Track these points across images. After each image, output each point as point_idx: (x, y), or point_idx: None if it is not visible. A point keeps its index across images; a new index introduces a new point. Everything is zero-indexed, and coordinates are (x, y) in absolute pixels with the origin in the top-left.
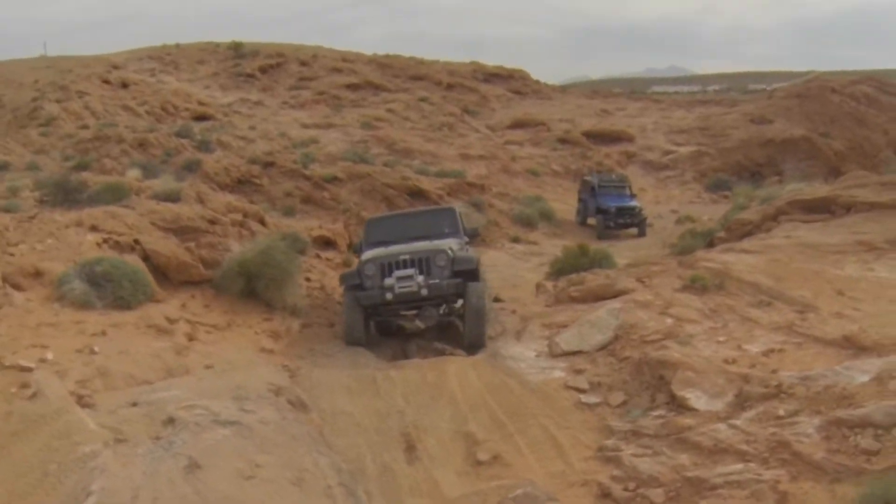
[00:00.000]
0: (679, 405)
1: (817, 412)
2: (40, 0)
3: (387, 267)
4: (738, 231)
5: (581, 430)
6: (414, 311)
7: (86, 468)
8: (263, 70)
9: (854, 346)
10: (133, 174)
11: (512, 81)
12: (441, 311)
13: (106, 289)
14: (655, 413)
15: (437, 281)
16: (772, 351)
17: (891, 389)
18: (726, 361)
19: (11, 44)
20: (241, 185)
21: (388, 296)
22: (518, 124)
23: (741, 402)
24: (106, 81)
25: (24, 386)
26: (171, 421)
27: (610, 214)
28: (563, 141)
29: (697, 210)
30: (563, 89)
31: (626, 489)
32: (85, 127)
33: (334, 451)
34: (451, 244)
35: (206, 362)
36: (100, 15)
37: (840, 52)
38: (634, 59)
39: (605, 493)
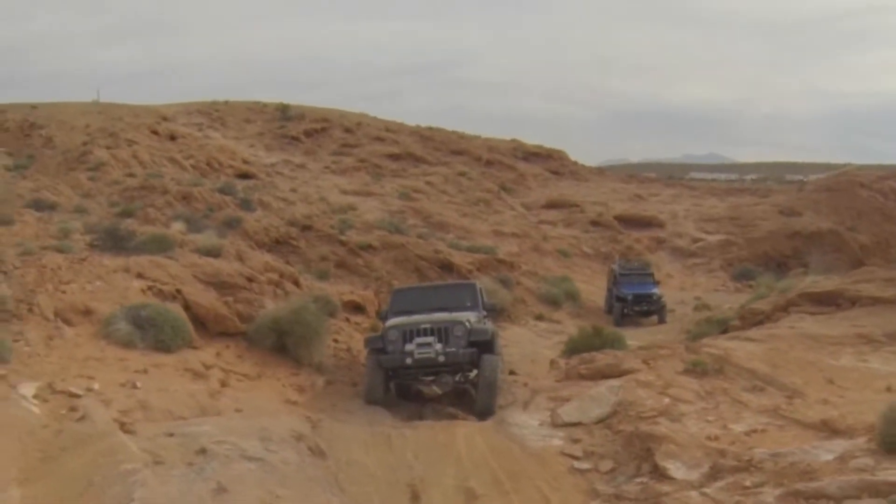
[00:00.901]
0: (660, 474)
1: (780, 484)
2: (95, 46)
3: (408, 334)
4: (750, 320)
5: (571, 493)
6: (431, 378)
7: (127, 482)
8: (308, 134)
9: (829, 430)
10: (177, 227)
11: (550, 161)
12: (456, 379)
13: (149, 332)
14: (638, 480)
15: (454, 349)
16: (754, 431)
17: (850, 467)
18: (709, 438)
19: (66, 87)
20: (278, 245)
21: (408, 360)
22: (553, 204)
23: (714, 474)
24: (154, 132)
25: (73, 409)
26: (203, 451)
27: (627, 302)
28: (595, 223)
29: (720, 298)
30: (601, 171)
31: None
32: (132, 175)
33: (346, 495)
34: (469, 316)
35: (237, 406)
36: (151, 65)
37: (879, 146)
38: (674, 145)
39: None
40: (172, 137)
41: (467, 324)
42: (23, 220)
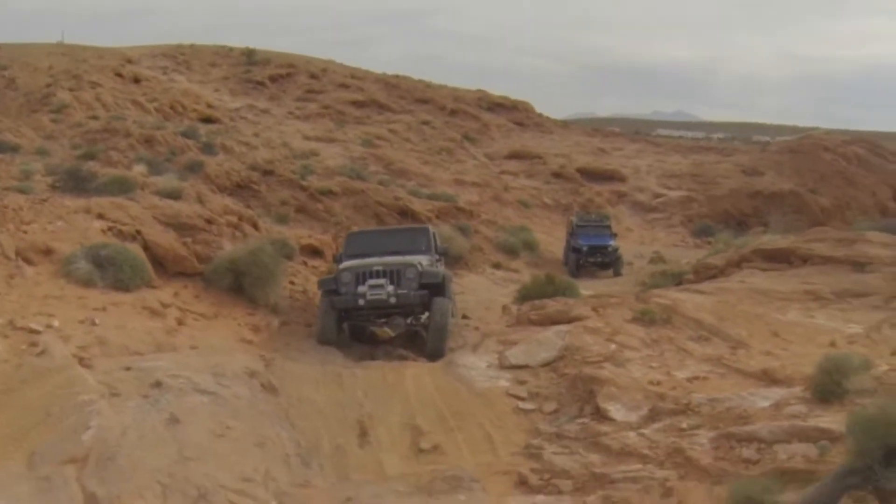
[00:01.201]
0: (601, 415)
1: (715, 427)
2: None
3: (361, 276)
4: (704, 274)
5: (513, 431)
6: (383, 320)
7: (84, 412)
8: (273, 79)
9: (769, 379)
10: (139, 169)
11: (515, 112)
12: (408, 321)
13: (108, 271)
14: (579, 420)
15: (405, 291)
16: (696, 378)
17: (783, 414)
18: (651, 383)
19: (30, 28)
20: (239, 189)
21: (361, 301)
22: (515, 155)
23: (653, 416)
24: (119, 75)
25: (33, 345)
26: (158, 384)
27: (582, 253)
28: (557, 175)
29: (679, 253)
30: (565, 124)
31: (540, 479)
32: (95, 118)
33: (296, 430)
34: (421, 260)
35: (192, 344)
36: (117, 6)
37: (847, 112)
38: (644, 102)
39: (523, 481)
40: (137, 80)
41: (419, 266)
42: None
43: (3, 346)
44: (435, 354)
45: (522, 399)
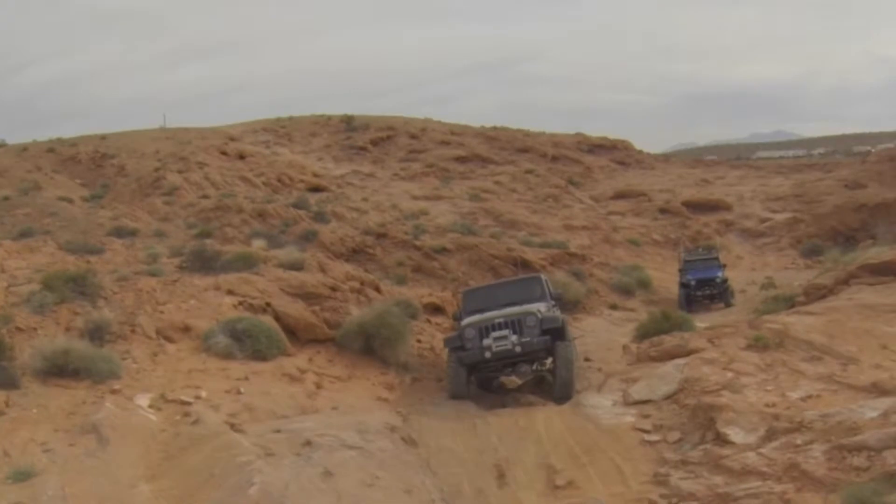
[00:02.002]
0: (721, 440)
1: (827, 441)
2: (157, 70)
3: (484, 330)
4: (814, 295)
5: (641, 462)
6: (510, 369)
7: (245, 471)
8: (374, 143)
9: (879, 391)
10: (259, 244)
11: (615, 152)
12: (534, 368)
13: (245, 343)
14: (702, 447)
15: (528, 339)
16: (809, 396)
17: (891, 422)
18: (767, 405)
19: (133, 114)
20: (355, 254)
21: (487, 354)
22: (620, 195)
23: (770, 435)
24: (223, 153)
25: (186, 415)
26: (308, 443)
27: (690, 287)
28: (663, 211)
29: (790, 276)
30: (666, 158)
31: (669, 503)
32: (206, 197)
33: (438, 477)
34: (539, 307)
35: (332, 405)
36: (214, 85)
37: None
38: (741, 125)
39: None
40: (241, 156)
41: (538, 314)
42: (112, 248)
43: (159, 418)
44: (563, 397)
45: (647, 431)
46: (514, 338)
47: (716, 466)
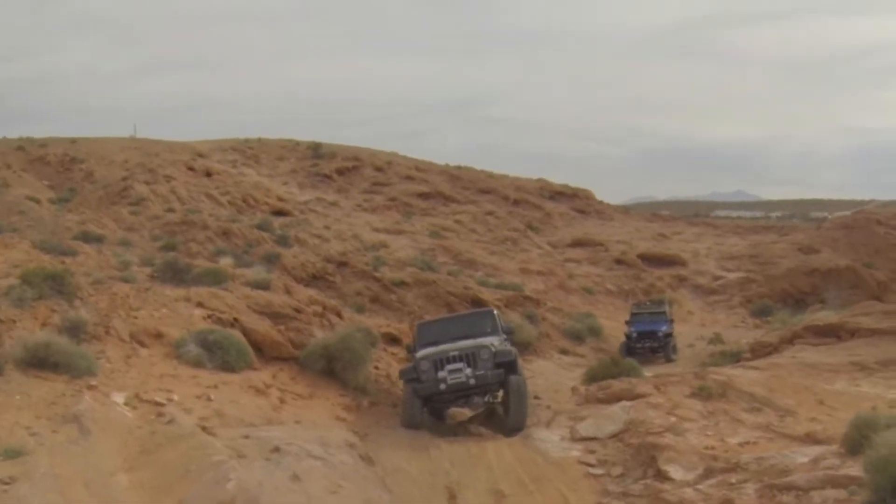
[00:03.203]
0: (662, 476)
1: (760, 481)
2: (131, 79)
3: (439, 362)
4: (760, 352)
5: (586, 493)
6: (463, 401)
7: (220, 469)
8: (340, 172)
9: (812, 441)
10: (227, 261)
11: (576, 200)
12: (486, 400)
13: (216, 354)
14: (643, 481)
15: (482, 372)
16: (747, 443)
17: (820, 466)
18: (706, 448)
19: (101, 122)
20: (315, 280)
21: (442, 386)
22: (578, 243)
23: (707, 474)
24: (190, 168)
25: (160, 415)
26: (277, 449)
27: (632, 339)
28: (619, 261)
29: (739, 334)
30: (625, 210)
31: None
32: (171, 210)
33: (393, 495)
34: (492, 341)
35: (296, 419)
36: (185, 100)
37: None
38: (702, 182)
39: None
40: (208, 174)
41: (492, 347)
42: (84, 252)
43: (134, 416)
44: (516, 428)
45: (592, 465)
46: (468, 371)
47: (655, 499)
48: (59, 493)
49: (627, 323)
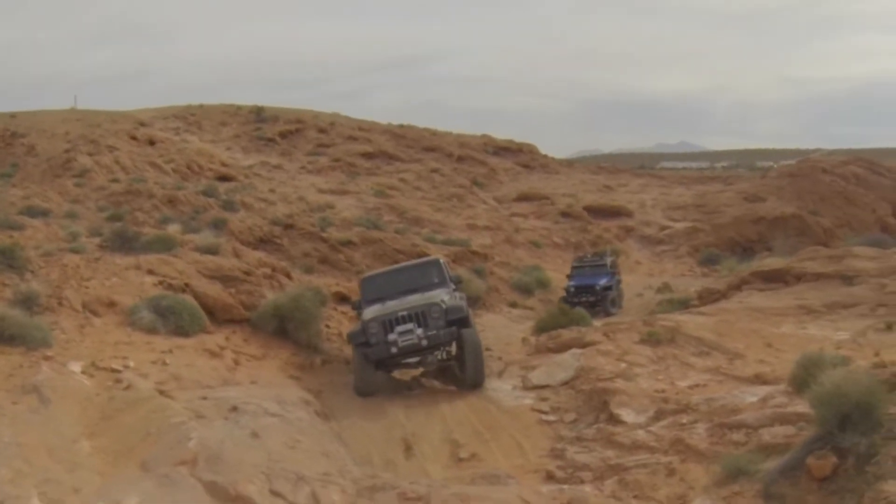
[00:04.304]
0: (614, 420)
1: (710, 420)
2: (69, 52)
3: (388, 323)
4: (707, 299)
5: (540, 439)
6: (416, 359)
7: (181, 429)
8: (283, 135)
9: (760, 382)
10: (175, 228)
11: (521, 155)
12: (439, 357)
13: (169, 319)
14: (596, 426)
15: (434, 332)
16: (696, 385)
17: (768, 405)
18: (657, 391)
19: (43, 94)
20: (263, 243)
21: (393, 349)
22: (524, 197)
23: (658, 416)
24: (133, 138)
25: (118, 381)
26: (234, 409)
27: (569, 293)
28: (565, 214)
29: (687, 283)
30: (570, 164)
31: (565, 473)
32: (116, 181)
33: (349, 448)
34: (442, 295)
35: (251, 379)
36: (125, 69)
37: (851, 132)
38: (646, 135)
39: (550, 476)
40: (151, 142)
41: (442, 304)
42: (31, 226)
43: (92, 383)
44: (475, 384)
45: (545, 412)
46: (419, 331)
47: (608, 442)
48: (24, 460)
49: (568, 276)
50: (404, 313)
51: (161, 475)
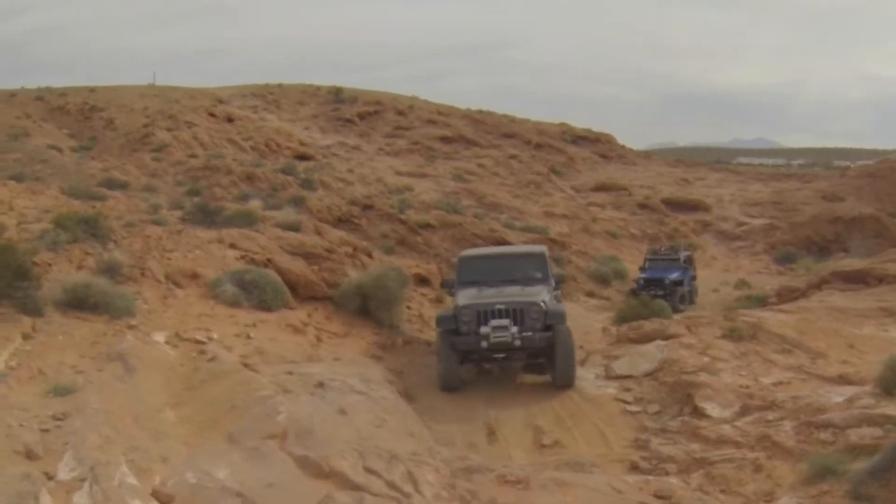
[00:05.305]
0: (699, 413)
1: (796, 418)
2: (145, 29)
3: (482, 315)
4: (786, 297)
5: (623, 429)
6: (503, 355)
7: (267, 403)
8: (362, 116)
9: (844, 382)
10: (256, 203)
11: (598, 145)
12: (530, 360)
13: (252, 293)
14: (680, 418)
15: (529, 334)
16: (780, 383)
17: (854, 406)
18: (741, 386)
19: (119, 70)
20: (341, 223)
21: (484, 343)
22: (601, 187)
23: (743, 412)
24: (212, 114)
25: (202, 352)
26: (320, 384)
27: (638, 285)
28: (642, 206)
29: (763, 280)
30: (648, 155)
31: (649, 464)
32: (194, 156)
33: (432, 430)
34: (543, 295)
35: (334, 356)
36: (204, 46)
37: None
38: (722, 129)
39: (634, 466)
40: (230, 119)
41: (543, 304)
42: (113, 197)
43: (175, 354)
44: (565, 385)
45: (628, 403)
46: (514, 329)
47: (693, 435)
48: (112, 427)
49: (640, 269)
50: (501, 307)
51: (250, 448)
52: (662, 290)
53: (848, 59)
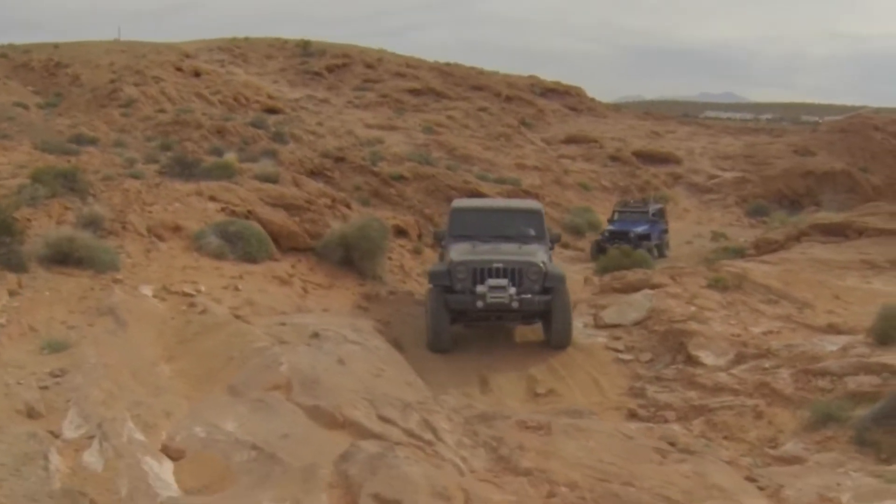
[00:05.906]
0: (693, 361)
1: (793, 366)
2: None
3: (479, 273)
4: (764, 248)
5: (616, 377)
6: (495, 319)
7: (266, 354)
8: (330, 69)
9: (834, 331)
10: (231, 156)
11: (568, 97)
12: (525, 322)
13: (237, 245)
14: (674, 366)
15: (528, 296)
16: (770, 332)
17: (849, 354)
18: (732, 335)
19: (84, 26)
20: (313, 175)
21: (479, 304)
22: (572, 140)
23: (738, 360)
24: (179, 69)
25: (192, 305)
26: (316, 335)
27: (603, 237)
28: (613, 158)
29: (735, 232)
30: (617, 108)
31: (647, 412)
32: (163, 111)
33: (424, 380)
34: (541, 255)
35: (323, 307)
36: (169, 1)
37: (893, 90)
38: (690, 83)
39: (633, 414)
40: (197, 74)
41: (542, 265)
42: (87, 151)
43: (165, 307)
44: (561, 346)
45: (620, 351)
46: (512, 290)
47: (689, 383)
48: (113, 382)
49: (609, 221)
50: (500, 265)
51: (254, 399)
52: (628, 243)
53: (817, 16)
